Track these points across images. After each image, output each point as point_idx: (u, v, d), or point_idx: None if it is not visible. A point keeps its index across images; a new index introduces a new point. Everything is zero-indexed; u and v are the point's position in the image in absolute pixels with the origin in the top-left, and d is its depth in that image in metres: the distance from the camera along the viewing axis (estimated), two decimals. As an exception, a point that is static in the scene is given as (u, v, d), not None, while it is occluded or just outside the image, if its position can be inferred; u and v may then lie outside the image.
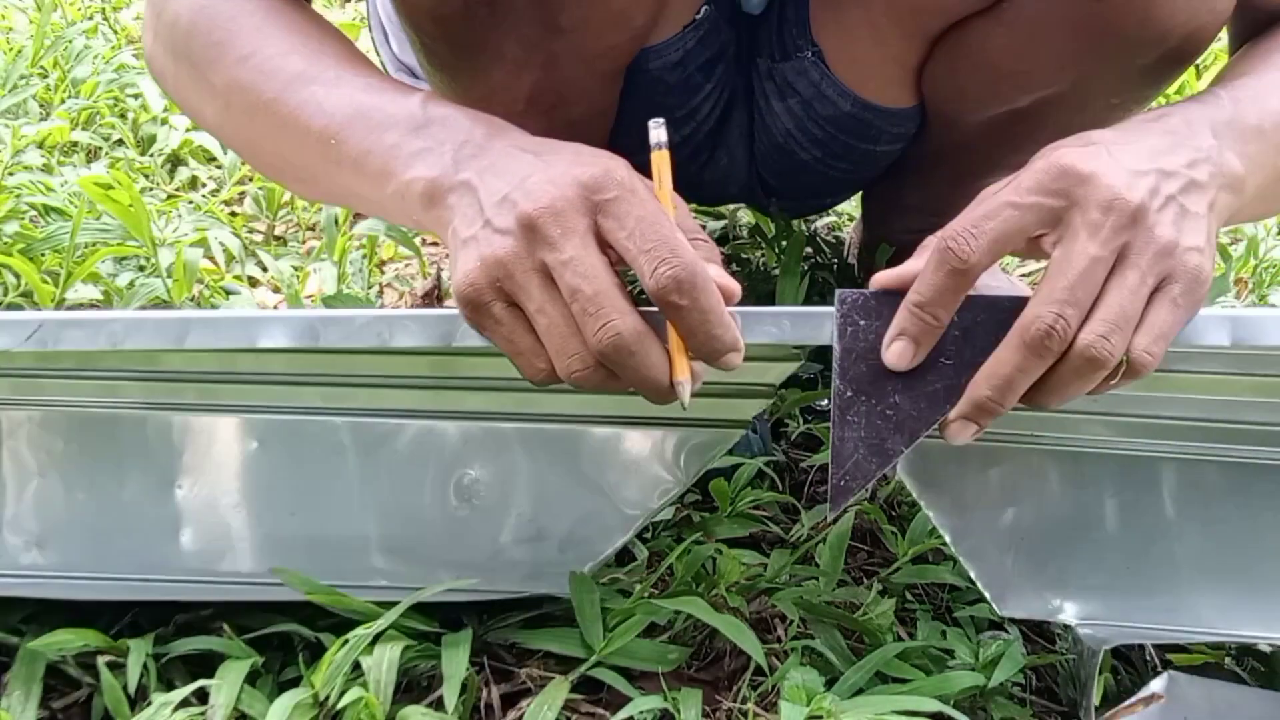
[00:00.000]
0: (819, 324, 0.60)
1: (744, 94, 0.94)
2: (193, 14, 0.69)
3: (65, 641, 0.62)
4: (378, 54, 1.07)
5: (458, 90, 0.78)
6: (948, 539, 0.74)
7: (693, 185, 1.05)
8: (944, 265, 0.56)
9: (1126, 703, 0.64)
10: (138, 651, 0.63)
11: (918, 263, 0.58)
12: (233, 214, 1.36)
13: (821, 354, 1.02)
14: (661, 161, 0.56)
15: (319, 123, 0.64)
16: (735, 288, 0.57)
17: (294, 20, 0.69)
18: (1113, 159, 0.56)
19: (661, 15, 0.79)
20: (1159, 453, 0.77)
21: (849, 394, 0.59)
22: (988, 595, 0.73)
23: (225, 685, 0.60)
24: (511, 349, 0.57)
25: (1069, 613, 0.72)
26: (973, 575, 0.74)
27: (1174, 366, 0.71)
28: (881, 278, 0.60)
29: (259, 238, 1.33)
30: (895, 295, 0.59)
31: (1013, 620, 0.74)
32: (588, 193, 0.54)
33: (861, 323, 0.59)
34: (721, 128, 0.96)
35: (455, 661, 0.63)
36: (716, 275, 0.56)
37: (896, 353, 0.58)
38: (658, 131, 0.57)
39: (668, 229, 0.54)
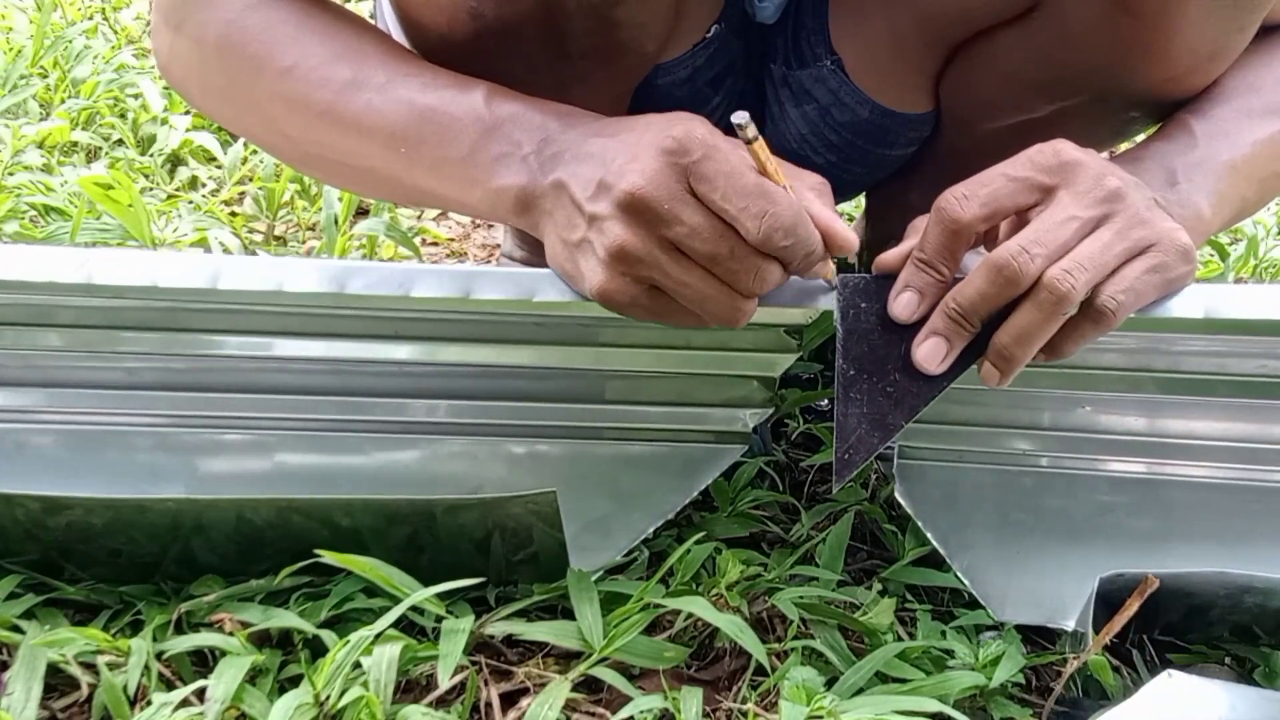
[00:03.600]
0: (825, 292, 0.64)
1: (755, 100, 0.94)
2: (221, 29, 0.68)
3: (66, 640, 0.62)
4: None
5: None
6: (944, 554, 0.75)
7: None
8: (940, 224, 0.60)
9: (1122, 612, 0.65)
10: (138, 651, 0.63)
11: (913, 241, 0.62)
12: (233, 214, 1.36)
13: (820, 354, 1.02)
14: (758, 148, 0.57)
15: (382, 132, 0.64)
16: (851, 239, 0.60)
17: (328, 24, 0.68)
18: (1103, 159, 0.62)
19: (672, 37, 0.79)
20: (1153, 475, 0.78)
21: (852, 373, 0.62)
22: (986, 604, 0.73)
23: (223, 682, 0.60)
24: (673, 321, 0.60)
25: (1067, 617, 0.73)
26: (969, 586, 0.74)
27: (1157, 368, 0.73)
28: (884, 259, 0.63)
29: (259, 238, 1.33)
30: (894, 278, 0.62)
31: (1012, 623, 0.74)
32: (674, 158, 0.55)
33: (863, 305, 0.63)
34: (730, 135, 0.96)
35: (453, 643, 0.63)
36: (829, 220, 0.60)
37: (903, 304, 0.61)
38: (749, 128, 0.56)
39: (753, 180, 0.56)
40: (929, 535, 0.75)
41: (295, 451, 0.77)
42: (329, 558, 0.64)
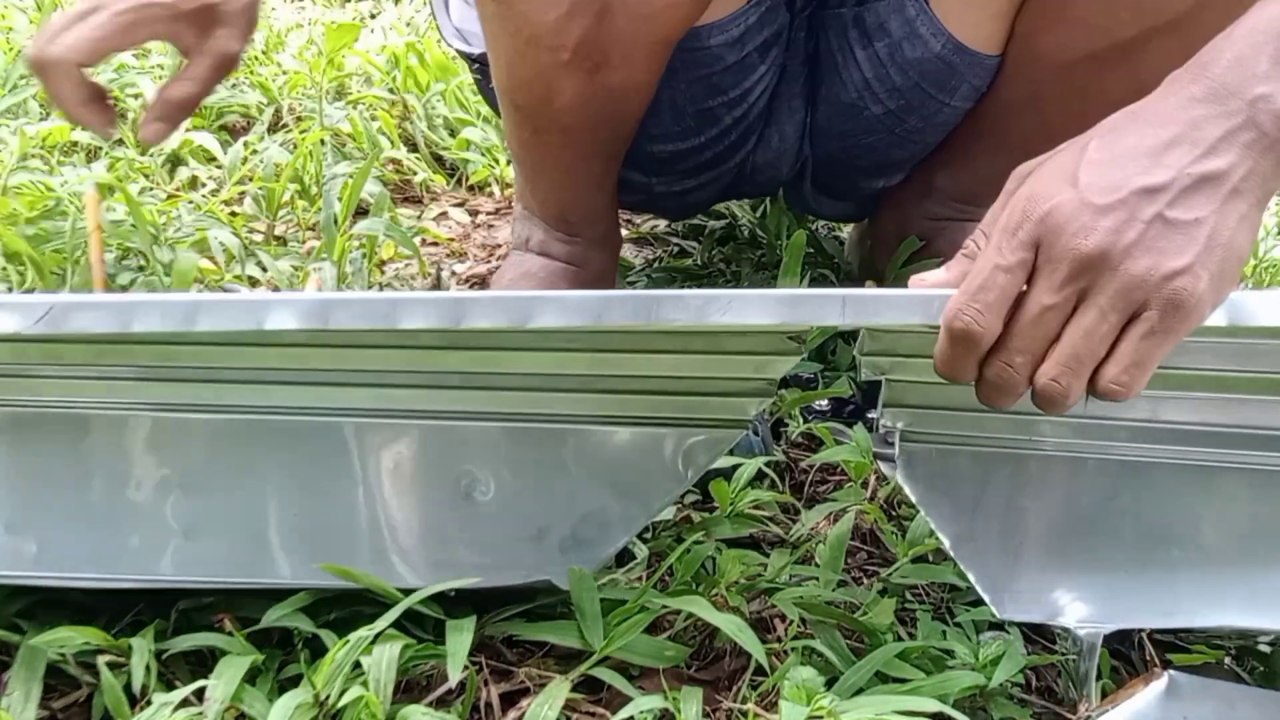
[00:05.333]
0: (821, 305, 0.61)
1: (804, 63, 0.96)
2: None
3: (66, 639, 0.62)
4: (435, 20, 1.10)
5: (508, 29, 0.80)
6: (946, 544, 0.75)
7: (744, 174, 1.07)
8: (958, 342, 0.57)
9: (1127, 687, 0.65)
10: (139, 650, 0.63)
11: (948, 274, 0.60)
12: (233, 214, 1.36)
13: (821, 354, 1.02)
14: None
15: None
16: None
17: None
18: (1078, 192, 0.55)
19: None
20: (1157, 457, 0.77)
21: None
22: (987, 599, 0.73)
23: (222, 682, 0.60)
24: None
25: (1069, 615, 0.72)
26: (972, 579, 0.74)
27: (1171, 363, 0.72)
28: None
29: (259, 238, 1.33)
30: None
31: (1013, 621, 0.74)
32: None
33: None
34: (772, 106, 0.99)
35: (459, 642, 0.63)
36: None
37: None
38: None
39: None
40: (932, 524, 0.75)
41: (293, 451, 0.76)
42: (328, 569, 0.64)
